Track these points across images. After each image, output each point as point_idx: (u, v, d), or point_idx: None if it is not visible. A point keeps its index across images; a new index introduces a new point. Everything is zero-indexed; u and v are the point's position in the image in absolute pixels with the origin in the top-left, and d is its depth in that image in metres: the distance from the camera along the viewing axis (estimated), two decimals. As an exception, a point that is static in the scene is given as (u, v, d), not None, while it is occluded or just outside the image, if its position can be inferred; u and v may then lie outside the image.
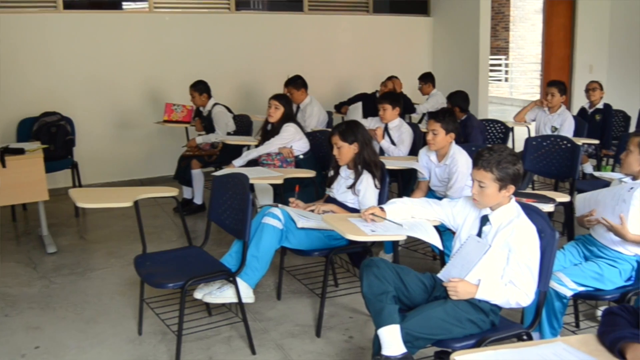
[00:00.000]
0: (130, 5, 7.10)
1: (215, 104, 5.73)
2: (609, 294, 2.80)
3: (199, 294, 3.18)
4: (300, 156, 4.74)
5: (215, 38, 7.22)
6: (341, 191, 3.56)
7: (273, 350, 3.14)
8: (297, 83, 5.90)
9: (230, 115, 5.84)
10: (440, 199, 3.01)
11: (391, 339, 2.31)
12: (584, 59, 8.83)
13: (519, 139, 6.15)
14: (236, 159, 4.69)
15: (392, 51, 8.43)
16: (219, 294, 3.13)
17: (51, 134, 5.74)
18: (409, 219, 2.84)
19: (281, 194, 4.31)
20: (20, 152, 4.48)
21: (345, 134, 3.45)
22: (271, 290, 3.85)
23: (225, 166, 4.92)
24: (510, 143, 5.66)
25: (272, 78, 6.96)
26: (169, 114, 6.13)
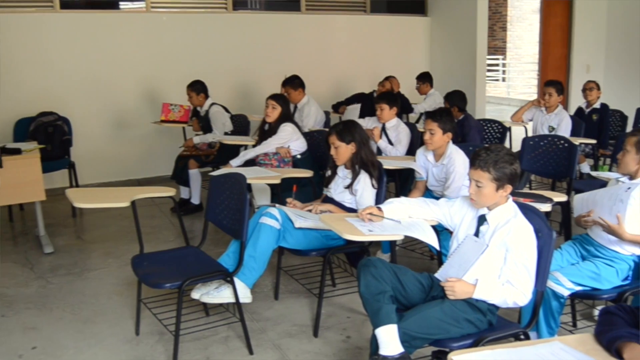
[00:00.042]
0: (128, 5, 7.09)
1: (212, 104, 5.73)
2: (606, 293, 2.81)
3: (196, 294, 3.18)
4: (298, 156, 4.74)
5: (212, 38, 7.22)
6: (339, 191, 3.56)
7: (270, 350, 3.13)
8: (295, 83, 5.90)
9: (227, 115, 5.84)
10: (437, 198, 3.01)
11: (389, 338, 2.31)
12: (581, 59, 8.85)
13: (516, 139, 6.16)
14: (233, 159, 4.69)
15: (390, 51, 8.43)
16: (216, 294, 3.14)
17: (48, 134, 5.72)
18: (407, 218, 2.84)
19: (279, 194, 4.31)
20: (17, 152, 4.47)
21: (342, 134, 3.45)
22: (269, 290, 3.85)
23: (222, 166, 4.92)
24: (507, 143, 5.67)
25: (270, 78, 6.97)
26: (166, 114, 6.13)
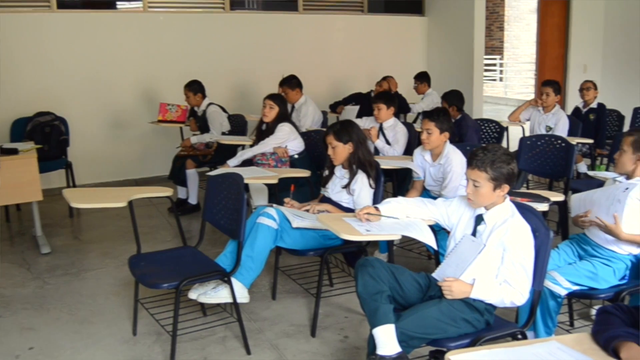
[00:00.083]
0: (125, 4, 7.08)
1: (209, 104, 5.73)
2: (603, 293, 2.81)
3: (193, 294, 3.18)
4: (295, 156, 4.74)
5: (209, 38, 7.21)
6: (336, 191, 3.56)
7: (268, 350, 3.13)
8: (292, 83, 5.90)
9: (224, 115, 5.83)
10: (435, 198, 3.01)
11: (386, 338, 2.31)
12: (578, 59, 8.86)
13: (513, 139, 6.16)
14: (231, 159, 4.69)
15: (387, 51, 8.44)
16: (213, 294, 3.13)
17: (45, 134, 5.71)
18: (404, 218, 2.84)
19: (276, 194, 4.31)
20: (13, 152, 4.46)
21: (339, 134, 3.46)
22: (266, 290, 3.85)
23: (220, 166, 4.92)
24: (504, 142, 5.67)
25: (267, 78, 6.96)
26: (164, 114, 6.12)
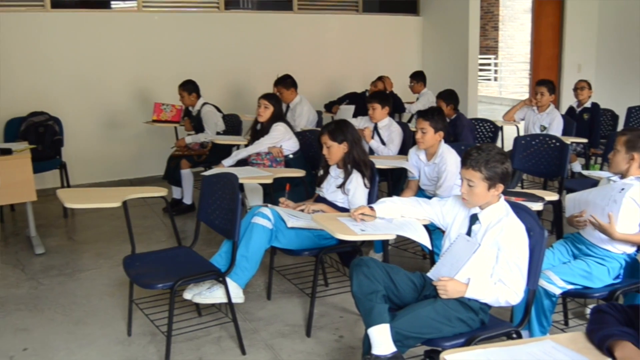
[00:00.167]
0: (119, 4, 7.06)
1: (204, 104, 5.72)
2: (597, 292, 2.82)
3: (188, 295, 3.17)
4: (290, 156, 4.74)
5: (204, 37, 7.19)
6: (331, 190, 3.56)
7: (263, 350, 3.13)
8: (287, 82, 5.89)
9: (219, 114, 5.82)
10: (430, 198, 3.01)
11: (381, 338, 2.31)
12: (572, 58, 8.89)
13: (508, 138, 6.18)
14: (225, 159, 4.68)
15: (382, 50, 8.44)
16: (208, 294, 3.13)
17: (39, 134, 5.70)
18: (399, 218, 2.84)
19: (271, 194, 4.31)
20: (7, 153, 4.44)
21: (334, 134, 3.45)
22: (261, 290, 3.85)
23: (214, 166, 4.91)
24: (499, 142, 5.69)
25: (262, 77, 6.96)
26: (158, 114, 6.10)
